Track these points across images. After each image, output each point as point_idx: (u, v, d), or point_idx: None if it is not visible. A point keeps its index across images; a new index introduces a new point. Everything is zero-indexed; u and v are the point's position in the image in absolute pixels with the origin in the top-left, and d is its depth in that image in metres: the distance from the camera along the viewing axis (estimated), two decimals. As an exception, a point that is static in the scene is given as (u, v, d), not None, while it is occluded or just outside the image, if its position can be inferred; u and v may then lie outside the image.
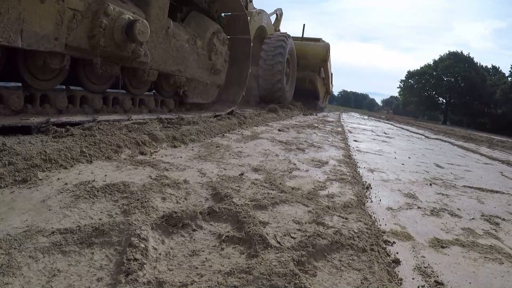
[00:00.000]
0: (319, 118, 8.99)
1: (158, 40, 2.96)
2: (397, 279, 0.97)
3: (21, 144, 1.54)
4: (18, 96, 1.99)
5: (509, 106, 36.73)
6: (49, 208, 1.07)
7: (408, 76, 50.30)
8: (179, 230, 1.06)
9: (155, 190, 1.33)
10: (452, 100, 45.89)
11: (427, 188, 2.22)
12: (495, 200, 2.16)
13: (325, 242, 1.06)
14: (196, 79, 3.82)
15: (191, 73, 3.67)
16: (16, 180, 1.24)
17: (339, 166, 2.43)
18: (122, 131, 2.14)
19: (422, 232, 1.39)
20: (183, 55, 3.41)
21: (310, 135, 4.25)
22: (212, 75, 4.14)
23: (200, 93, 4.07)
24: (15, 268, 0.76)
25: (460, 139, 9.23)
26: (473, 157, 4.72)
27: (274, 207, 1.36)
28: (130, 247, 0.88)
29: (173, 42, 3.19)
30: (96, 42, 2.24)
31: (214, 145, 2.52)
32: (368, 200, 1.74)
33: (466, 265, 1.14)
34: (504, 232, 1.53)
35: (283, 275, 0.84)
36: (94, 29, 2.20)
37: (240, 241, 1.03)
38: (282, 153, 2.62)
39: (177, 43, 3.27)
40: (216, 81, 4.32)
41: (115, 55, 2.48)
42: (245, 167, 1.98)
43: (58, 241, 0.88)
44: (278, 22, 11.71)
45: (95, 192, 1.22)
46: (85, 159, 1.61)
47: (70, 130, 1.93)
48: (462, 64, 43.80)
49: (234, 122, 3.86)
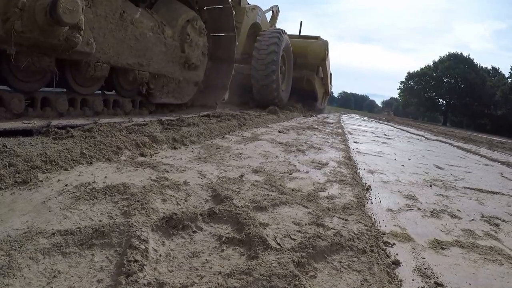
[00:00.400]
0: (319, 120, 8.99)
1: (108, 26, 2.42)
2: (397, 281, 0.97)
3: (21, 146, 1.54)
4: (19, 100, 2.00)
5: (509, 107, 36.74)
6: (49, 210, 1.07)
7: (408, 78, 50.35)
8: (179, 231, 1.06)
9: (155, 191, 1.33)
10: (452, 102, 45.92)
11: (427, 189, 2.22)
12: (495, 201, 2.16)
13: (325, 243, 1.07)
14: (165, 74, 3.26)
15: (157, 68, 3.09)
16: (17, 182, 1.25)
17: (339, 168, 2.44)
18: (122, 132, 2.14)
19: (422, 233, 1.39)
20: (145, 46, 2.87)
21: (310, 137, 4.25)
22: (186, 71, 3.57)
23: (172, 92, 3.48)
24: (16, 269, 0.76)
25: (460, 140, 9.23)
26: (473, 159, 4.72)
27: (274, 209, 1.36)
28: (130, 249, 0.88)
29: (130, 30, 2.64)
30: (11, 26, 1.75)
31: (214, 147, 2.52)
32: (368, 201, 1.74)
33: (466, 266, 1.14)
34: (504, 233, 1.53)
35: (283, 277, 0.84)
36: (8, 10, 1.73)
37: (240, 243, 1.03)
38: (282, 155, 2.63)
39: (137, 31, 2.72)
40: (192, 78, 3.72)
41: (42, 44, 1.98)
42: (245, 168, 1.98)
43: (59, 242, 0.88)
44: (274, 20, 11.12)
45: (95, 194, 1.23)
46: (85, 161, 1.61)
47: (70, 131, 1.93)
48: (462, 65, 43.85)
49: (234, 123, 3.86)
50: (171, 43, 3.20)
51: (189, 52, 3.47)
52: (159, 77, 3.21)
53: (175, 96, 3.58)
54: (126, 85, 2.98)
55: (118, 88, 2.97)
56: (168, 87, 3.40)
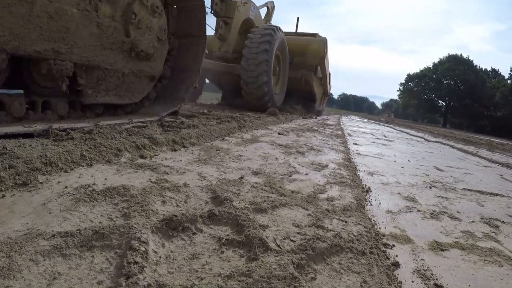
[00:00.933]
0: (319, 122, 9.00)
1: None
2: (396, 282, 0.97)
3: (21, 148, 1.55)
4: (20, 103, 2.00)
5: (508, 109, 36.80)
6: (49, 211, 1.08)
7: (408, 79, 50.44)
8: (179, 233, 1.06)
9: (155, 193, 1.33)
10: (451, 103, 45.98)
11: (427, 191, 2.22)
12: (495, 203, 2.16)
13: (325, 245, 1.07)
14: (99, 65, 2.48)
15: (86, 56, 2.33)
16: (17, 183, 1.25)
17: (339, 169, 2.44)
18: (122, 134, 2.15)
19: (422, 235, 1.39)
20: (65, 27, 2.16)
21: (310, 138, 4.26)
22: (134, 61, 2.78)
23: (114, 89, 2.71)
24: (16, 271, 0.76)
25: (459, 142, 9.24)
26: (473, 160, 4.72)
27: (274, 211, 1.36)
28: (130, 250, 0.88)
29: (40, 5, 1.99)
30: None
31: (214, 149, 2.53)
32: (368, 203, 1.74)
33: (465, 267, 1.14)
34: (504, 235, 1.53)
35: (283, 278, 0.84)
36: None
37: (240, 244, 1.03)
38: (282, 157, 2.63)
39: (51, 6, 2.06)
40: (144, 71, 2.93)
41: None
42: (245, 170, 1.99)
43: (59, 244, 0.88)
44: (269, 17, 10.60)
45: (95, 196, 1.23)
46: (85, 163, 1.61)
47: (70, 133, 1.93)
48: (461, 67, 43.95)
49: (234, 125, 3.87)
50: (109, 24, 2.44)
51: (136, 36, 2.69)
52: (91, 69, 2.43)
53: (120, 94, 2.77)
54: (42, 81, 2.27)
55: (31, 84, 2.27)
56: (107, 82, 2.60)
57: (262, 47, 7.04)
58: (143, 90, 3.08)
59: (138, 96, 3.05)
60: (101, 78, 2.56)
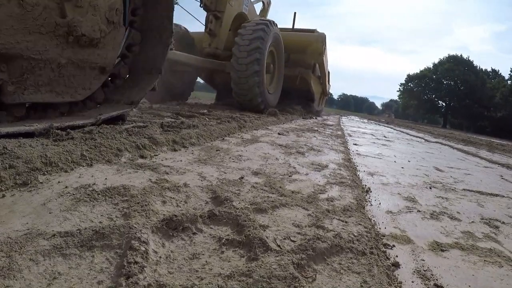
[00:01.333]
0: (319, 122, 9.00)
1: None
2: (396, 282, 0.97)
3: (21, 147, 1.55)
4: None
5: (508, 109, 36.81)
6: (49, 211, 1.08)
7: (408, 80, 50.49)
8: (179, 233, 1.06)
9: (155, 193, 1.33)
10: (451, 104, 46.02)
11: (427, 191, 2.22)
12: (495, 203, 2.16)
13: (325, 245, 1.07)
14: (22, 54, 1.88)
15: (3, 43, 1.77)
16: (17, 183, 1.25)
17: (339, 170, 2.44)
18: (122, 134, 2.15)
19: (422, 235, 1.39)
20: None
21: (310, 139, 4.26)
22: (74, 48, 2.19)
23: (47, 84, 2.12)
24: (16, 271, 0.76)
25: (460, 142, 9.24)
26: (473, 161, 4.72)
27: (274, 211, 1.36)
28: (130, 250, 0.88)
29: None
30: None
31: (214, 149, 2.53)
32: (368, 203, 1.74)
33: (465, 268, 1.14)
34: (504, 235, 1.53)
35: (283, 278, 0.84)
36: None
37: (240, 245, 1.03)
38: (282, 157, 2.63)
39: None
40: (89, 60, 2.34)
41: None
42: (245, 170, 1.99)
43: (59, 244, 0.88)
44: (264, 13, 10.04)
45: (95, 195, 1.23)
46: (86, 163, 1.61)
47: (70, 133, 1.93)
48: (461, 68, 43.99)
49: (234, 125, 3.87)
50: (36, 2, 1.88)
51: (74, 17, 2.10)
52: (11, 60, 1.86)
53: (57, 90, 2.20)
54: None
55: None
56: (36, 75, 2.03)
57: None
58: (90, 85, 2.46)
59: (83, 93, 2.43)
60: (27, 71, 1.96)
